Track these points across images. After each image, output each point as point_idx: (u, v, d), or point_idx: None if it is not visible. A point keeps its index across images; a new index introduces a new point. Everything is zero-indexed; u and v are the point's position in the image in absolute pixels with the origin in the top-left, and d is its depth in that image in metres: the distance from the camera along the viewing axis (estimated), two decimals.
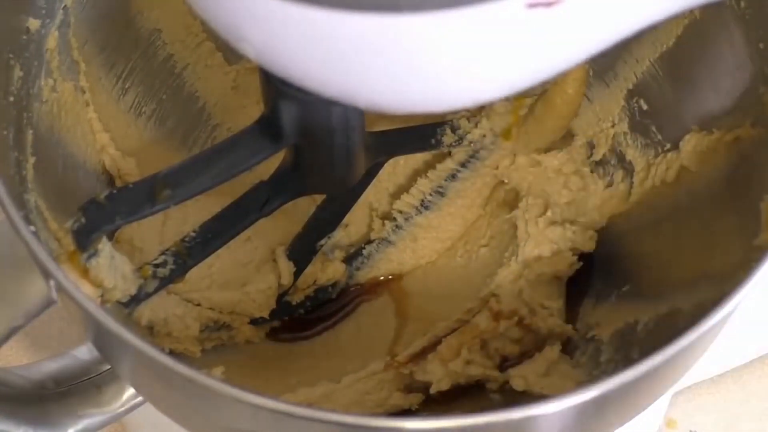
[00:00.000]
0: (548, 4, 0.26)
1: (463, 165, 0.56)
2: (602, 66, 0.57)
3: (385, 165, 0.54)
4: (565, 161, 0.55)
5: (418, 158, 0.58)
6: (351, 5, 0.27)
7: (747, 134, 0.47)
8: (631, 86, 0.56)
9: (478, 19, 0.27)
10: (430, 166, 0.57)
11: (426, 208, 0.57)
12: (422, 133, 0.54)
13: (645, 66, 0.55)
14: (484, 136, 0.54)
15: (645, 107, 0.56)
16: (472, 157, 0.56)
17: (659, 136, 0.55)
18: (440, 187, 0.56)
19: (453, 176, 0.56)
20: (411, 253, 0.57)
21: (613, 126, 0.57)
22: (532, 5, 0.26)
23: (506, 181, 0.56)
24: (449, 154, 0.56)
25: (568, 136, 0.57)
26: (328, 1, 0.27)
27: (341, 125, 0.43)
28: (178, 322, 0.51)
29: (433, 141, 0.54)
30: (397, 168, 0.57)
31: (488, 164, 0.56)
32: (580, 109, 0.53)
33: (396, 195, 0.57)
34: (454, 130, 0.54)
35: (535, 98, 0.53)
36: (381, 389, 0.52)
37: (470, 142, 0.54)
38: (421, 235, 0.57)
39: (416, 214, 0.57)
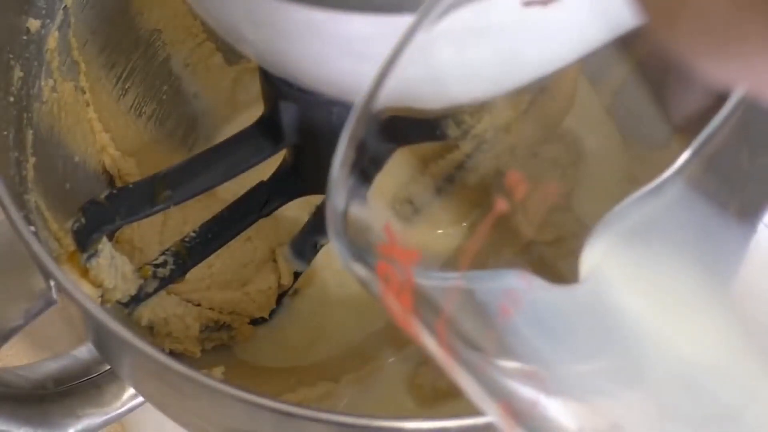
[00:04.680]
0: (544, 3, 0.26)
1: (465, 159, 0.56)
2: (600, 64, 0.57)
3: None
4: (561, 154, 0.55)
5: (419, 155, 0.58)
6: (351, 6, 0.27)
7: None
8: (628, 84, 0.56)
9: (476, 18, 0.27)
10: (431, 162, 0.57)
11: (427, 204, 0.56)
12: (424, 129, 0.54)
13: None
14: (485, 130, 0.54)
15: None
16: (473, 151, 0.56)
17: None
18: (443, 182, 0.56)
19: (455, 171, 0.56)
20: None
21: (609, 124, 0.57)
22: (527, 3, 0.26)
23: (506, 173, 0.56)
24: (452, 148, 0.56)
25: (566, 132, 0.57)
26: (328, 1, 0.27)
27: (341, 125, 0.42)
28: (178, 322, 0.51)
29: (437, 134, 0.54)
30: (398, 166, 0.57)
31: (489, 158, 0.56)
32: (577, 106, 0.53)
33: (396, 193, 0.57)
34: (457, 125, 0.54)
35: (533, 94, 0.53)
36: (381, 388, 0.52)
37: (472, 137, 0.54)
38: None
39: (416, 212, 0.57)
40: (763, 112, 0.26)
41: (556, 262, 0.26)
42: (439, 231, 0.57)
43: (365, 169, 0.26)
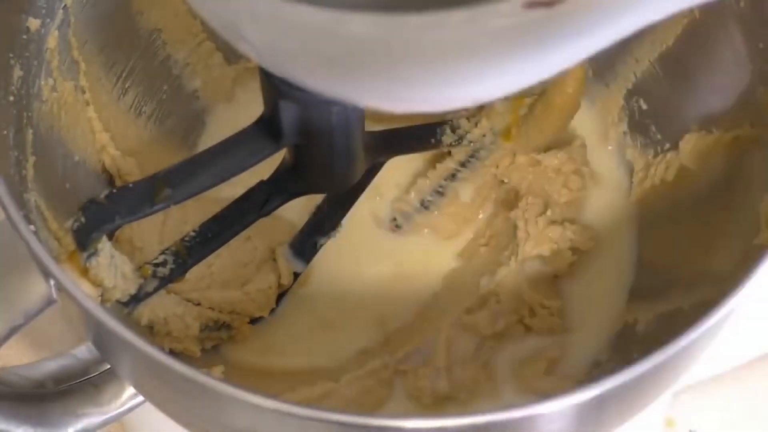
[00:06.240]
0: (548, 4, 0.26)
1: (462, 165, 0.56)
2: (602, 66, 0.57)
3: (386, 165, 0.54)
4: (564, 161, 0.55)
5: (418, 158, 0.58)
6: (352, 5, 0.27)
7: (746, 134, 0.47)
8: (630, 86, 0.56)
9: (476, 20, 0.27)
10: (430, 166, 0.57)
11: (426, 208, 0.57)
12: (422, 133, 0.54)
13: (645, 66, 0.55)
14: (484, 135, 0.54)
15: (644, 107, 0.56)
16: (471, 156, 0.56)
17: (659, 136, 0.55)
18: (440, 186, 0.56)
19: (453, 176, 0.56)
20: None
21: (612, 125, 0.57)
22: (529, 5, 0.26)
23: (506, 180, 0.56)
24: (449, 154, 0.56)
25: (567, 136, 0.57)
26: (329, 1, 0.27)
27: (341, 125, 0.43)
28: (178, 321, 0.51)
29: (433, 141, 0.54)
30: (397, 168, 0.57)
31: (488, 164, 0.56)
32: (580, 109, 0.53)
33: (396, 195, 0.57)
34: (454, 130, 0.54)
35: (534, 97, 0.53)
36: (381, 388, 0.52)
37: (470, 142, 0.54)
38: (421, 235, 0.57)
39: (416, 214, 0.57)
40: None
41: None
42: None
43: None
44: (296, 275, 0.55)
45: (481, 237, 0.56)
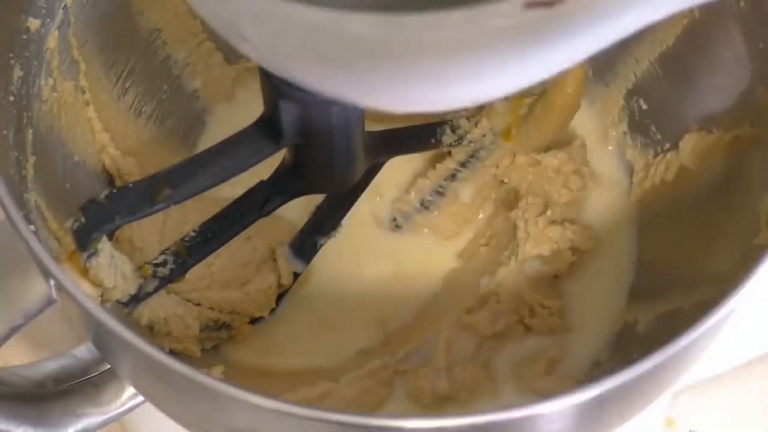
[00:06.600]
0: (548, 4, 0.26)
1: (463, 165, 0.56)
2: (602, 66, 0.57)
3: (385, 165, 0.54)
4: (564, 161, 0.55)
5: (418, 158, 0.58)
6: (352, 5, 0.27)
7: (746, 134, 0.47)
8: (630, 86, 0.56)
9: (476, 20, 0.27)
10: (430, 166, 0.57)
11: (426, 208, 0.57)
12: (422, 133, 0.54)
13: (644, 66, 0.55)
14: (484, 135, 0.54)
15: (644, 107, 0.56)
16: (471, 156, 0.56)
17: (659, 136, 0.55)
18: (440, 186, 0.56)
19: (453, 176, 0.56)
20: None
21: (612, 125, 0.57)
22: (529, 5, 0.26)
23: (506, 180, 0.56)
24: (449, 154, 0.56)
25: (567, 136, 0.57)
26: (329, 1, 0.27)
27: (341, 125, 0.43)
28: (178, 321, 0.51)
29: (433, 141, 0.54)
30: (397, 168, 0.57)
31: (488, 164, 0.56)
32: (580, 109, 0.53)
33: (396, 195, 0.57)
34: (454, 130, 0.54)
35: (534, 98, 0.53)
36: (381, 388, 0.52)
37: (470, 142, 0.54)
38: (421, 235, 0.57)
39: (416, 214, 0.57)
40: None
41: None
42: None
43: None
44: (296, 275, 0.55)
45: (481, 237, 0.56)
